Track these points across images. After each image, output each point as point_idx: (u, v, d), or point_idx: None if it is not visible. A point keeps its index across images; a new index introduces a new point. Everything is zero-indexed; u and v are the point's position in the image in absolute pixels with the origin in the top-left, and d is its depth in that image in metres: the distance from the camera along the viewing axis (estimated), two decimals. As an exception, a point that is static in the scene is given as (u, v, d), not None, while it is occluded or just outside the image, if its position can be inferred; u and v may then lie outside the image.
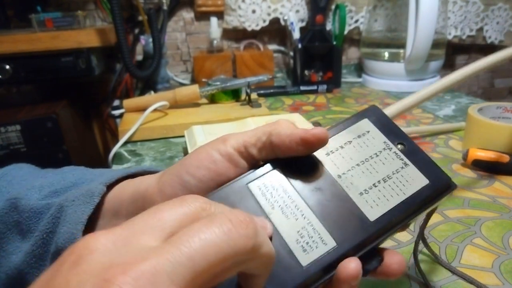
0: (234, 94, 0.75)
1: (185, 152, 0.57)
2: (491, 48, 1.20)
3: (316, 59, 0.89)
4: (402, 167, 0.22)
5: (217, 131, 0.55)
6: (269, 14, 0.99)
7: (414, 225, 0.39)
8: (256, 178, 0.22)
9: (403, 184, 0.21)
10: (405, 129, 0.62)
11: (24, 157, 0.67)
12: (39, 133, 0.75)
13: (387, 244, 0.36)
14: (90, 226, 0.25)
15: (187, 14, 1.02)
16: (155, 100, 0.69)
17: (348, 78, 1.01)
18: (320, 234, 0.20)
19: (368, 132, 0.24)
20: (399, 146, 0.23)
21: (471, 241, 0.36)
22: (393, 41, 0.91)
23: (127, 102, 0.71)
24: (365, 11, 0.98)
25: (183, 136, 0.60)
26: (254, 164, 0.23)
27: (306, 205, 0.21)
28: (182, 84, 1.00)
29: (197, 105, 0.74)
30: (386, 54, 0.92)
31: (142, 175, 0.28)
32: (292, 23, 0.90)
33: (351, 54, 1.13)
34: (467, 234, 0.37)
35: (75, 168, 0.31)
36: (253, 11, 0.98)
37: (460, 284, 0.31)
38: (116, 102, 0.88)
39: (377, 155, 0.23)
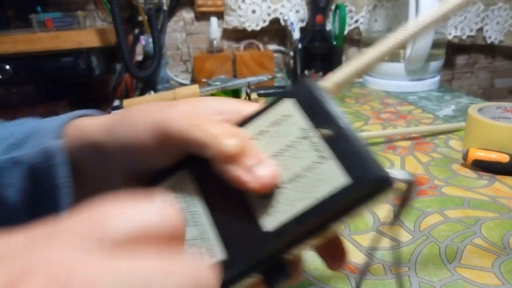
0: (234, 94, 0.75)
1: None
2: (491, 48, 1.21)
3: (316, 59, 0.89)
4: (317, 161, 0.17)
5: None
6: (269, 14, 0.99)
7: (414, 225, 0.39)
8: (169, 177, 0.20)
9: (314, 184, 0.17)
10: (405, 129, 0.62)
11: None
12: (39, 133, 0.74)
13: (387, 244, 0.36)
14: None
15: (187, 14, 1.02)
16: (155, 100, 0.69)
17: (348, 78, 1.01)
18: (211, 244, 0.18)
19: (287, 116, 0.19)
20: (323, 133, 0.18)
21: (471, 241, 0.36)
22: (393, 41, 0.91)
23: (127, 102, 0.71)
24: (365, 11, 0.98)
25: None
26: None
27: (205, 209, 0.19)
28: (182, 84, 1.00)
29: (197, 105, 0.74)
30: (386, 54, 0.92)
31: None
32: (292, 23, 0.90)
33: (351, 54, 1.13)
34: (467, 234, 0.37)
35: (31, 119, 0.30)
36: (253, 11, 0.98)
37: (460, 284, 0.31)
38: (116, 102, 0.88)
39: (292, 147, 0.18)
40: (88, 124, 0.25)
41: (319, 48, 0.88)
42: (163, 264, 0.12)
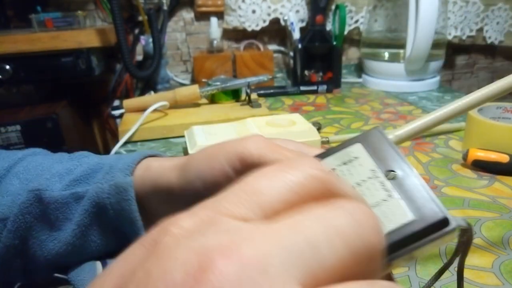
0: (234, 94, 0.75)
1: (185, 152, 0.57)
2: (491, 49, 1.21)
3: (316, 59, 0.89)
4: (385, 200, 0.19)
5: (217, 131, 0.55)
6: (269, 14, 0.99)
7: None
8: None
9: (383, 219, 0.18)
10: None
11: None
12: (39, 133, 0.75)
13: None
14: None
15: (187, 14, 1.02)
16: (155, 100, 0.69)
17: (348, 78, 1.01)
18: None
19: (357, 158, 0.21)
20: (390, 174, 0.20)
21: (471, 241, 0.36)
22: (393, 41, 0.91)
23: (127, 102, 0.71)
24: (365, 11, 0.98)
25: (183, 137, 0.60)
26: None
27: None
28: (182, 84, 1.00)
29: (197, 105, 0.74)
30: (386, 54, 0.92)
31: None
32: (292, 23, 0.90)
33: (351, 54, 1.13)
34: (467, 234, 0.37)
35: (86, 154, 0.32)
36: (253, 11, 0.98)
37: (460, 284, 0.31)
38: (116, 102, 0.88)
39: (360, 185, 0.20)
40: (158, 167, 0.26)
41: (319, 48, 0.88)
42: (323, 219, 0.11)
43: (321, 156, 0.21)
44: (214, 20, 0.94)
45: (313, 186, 0.13)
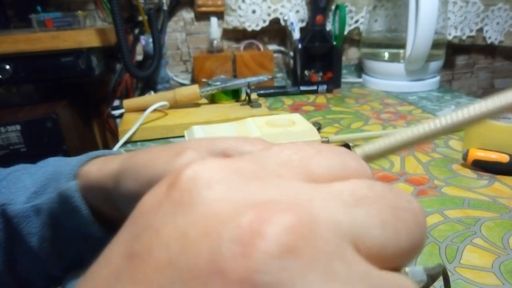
0: (234, 94, 0.75)
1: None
2: (491, 49, 1.21)
3: (316, 59, 0.89)
4: None
5: (217, 131, 0.55)
6: (269, 14, 0.99)
7: None
8: None
9: None
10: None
11: (24, 157, 0.67)
12: (39, 133, 0.75)
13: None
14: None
15: (187, 14, 1.02)
16: (155, 100, 0.69)
17: (348, 78, 1.01)
18: None
19: None
20: None
21: (471, 241, 0.36)
22: (393, 41, 0.91)
23: (127, 102, 0.71)
24: (365, 11, 0.98)
25: (183, 136, 0.60)
26: None
27: None
28: (182, 84, 1.00)
29: (197, 105, 0.74)
30: (386, 54, 0.92)
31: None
32: (292, 23, 0.90)
33: (351, 54, 1.13)
34: (467, 234, 0.37)
35: (50, 161, 0.30)
36: (253, 11, 0.98)
37: (460, 284, 0.31)
38: (116, 102, 0.88)
39: None
40: (96, 171, 0.25)
41: (319, 48, 0.88)
42: (387, 199, 0.10)
43: None
44: (214, 20, 0.94)
45: (361, 172, 0.12)
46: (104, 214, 0.25)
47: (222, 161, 0.10)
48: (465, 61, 1.23)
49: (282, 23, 1.00)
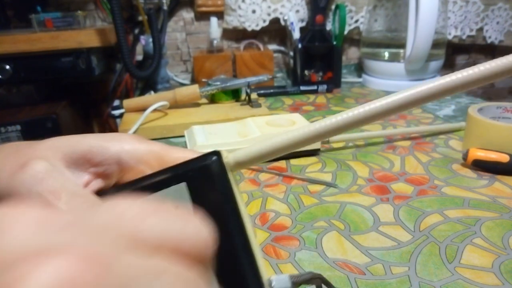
0: (234, 94, 0.75)
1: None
2: (491, 48, 1.21)
3: (316, 59, 0.89)
4: None
5: (217, 131, 0.55)
6: (269, 14, 0.99)
7: (414, 225, 0.39)
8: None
9: None
10: (405, 129, 0.62)
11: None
12: (39, 133, 0.75)
13: (387, 243, 0.36)
14: None
15: (187, 14, 1.02)
16: (155, 100, 0.69)
17: (348, 78, 1.01)
18: None
19: (178, 201, 0.17)
20: None
21: (471, 241, 0.36)
22: (393, 41, 0.91)
23: (127, 102, 0.71)
24: (365, 11, 0.98)
25: (183, 136, 0.60)
26: None
27: None
28: (182, 84, 1.00)
29: (197, 105, 0.74)
30: (386, 54, 0.92)
31: None
32: (292, 23, 0.90)
33: (351, 54, 1.13)
34: (467, 234, 0.37)
35: None
36: (253, 11, 0.98)
37: (460, 284, 0.31)
38: (116, 102, 0.88)
39: None
40: None
41: (319, 48, 0.88)
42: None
43: (144, 187, 0.18)
44: (214, 20, 0.94)
45: (195, 246, 0.11)
46: None
47: (35, 210, 0.10)
48: (465, 61, 1.23)
49: (282, 23, 1.00)
